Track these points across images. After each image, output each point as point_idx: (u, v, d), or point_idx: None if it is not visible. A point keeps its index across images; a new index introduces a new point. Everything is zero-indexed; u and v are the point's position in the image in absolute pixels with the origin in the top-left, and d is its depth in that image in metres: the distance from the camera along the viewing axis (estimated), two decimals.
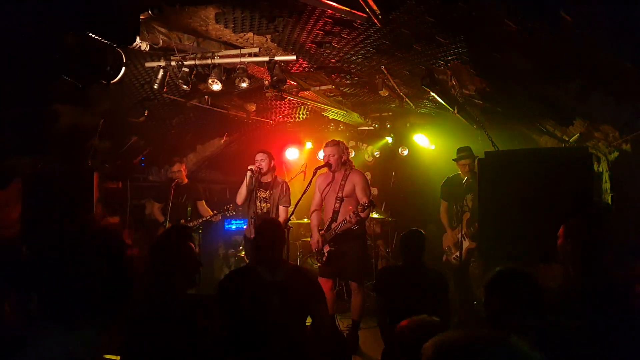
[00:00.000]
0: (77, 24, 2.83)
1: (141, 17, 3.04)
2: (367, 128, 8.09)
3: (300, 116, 7.57)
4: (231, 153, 8.15)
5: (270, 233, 3.14)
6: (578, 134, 4.05)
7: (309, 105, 6.61)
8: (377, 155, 8.29)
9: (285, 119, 7.65)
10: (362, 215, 4.77)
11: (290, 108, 7.08)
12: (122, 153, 6.37)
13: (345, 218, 4.83)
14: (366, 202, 4.64)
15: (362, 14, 3.06)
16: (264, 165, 5.62)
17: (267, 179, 5.73)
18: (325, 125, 8.06)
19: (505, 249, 4.30)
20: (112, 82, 3.27)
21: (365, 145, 8.45)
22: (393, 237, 7.77)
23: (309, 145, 8.43)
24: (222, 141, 7.77)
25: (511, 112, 5.01)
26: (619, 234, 3.78)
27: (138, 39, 3.31)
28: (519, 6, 2.28)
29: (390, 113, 7.42)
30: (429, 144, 7.91)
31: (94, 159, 5.78)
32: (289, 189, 5.75)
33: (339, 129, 8.16)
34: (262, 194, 5.71)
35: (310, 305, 3.16)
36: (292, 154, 8.32)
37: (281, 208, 5.68)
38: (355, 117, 7.30)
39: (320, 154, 8.18)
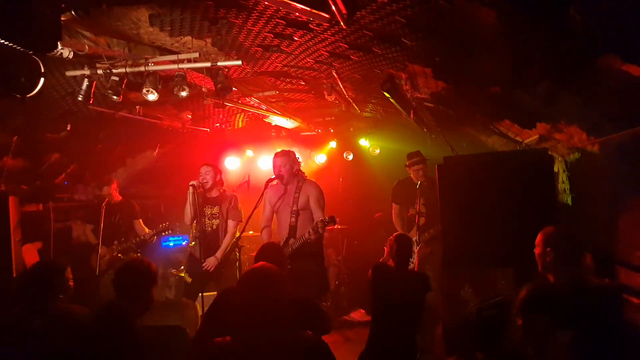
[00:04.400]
0: None
1: (62, 18, 2.53)
2: (310, 133, 7.81)
3: (239, 123, 7.15)
4: (165, 165, 7.56)
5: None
6: (537, 136, 3.97)
7: (249, 111, 6.21)
8: (323, 161, 8.01)
9: (223, 127, 7.19)
10: (322, 232, 4.43)
11: (229, 115, 6.64)
12: (41, 172, 5.67)
13: (304, 235, 4.47)
14: (325, 218, 4.33)
15: (326, 15, 2.75)
16: (209, 179, 5.16)
17: (214, 193, 5.28)
18: (266, 131, 7.67)
19: (467, 254, 4.23)
20: (28, 95, 2.74)
21: (309, 150, 8.15)
22: (343, 244, 7.53)
23: (249, 153, 7.98)
24: (155, 153, 7.19)
25: (463, 114, 4.90)
26: (584, 235, 3.73)
27: (60, 45, 2.79)
28: (513, 3, 2.04)
29: (333, 118, 7.19)
30: (373, 148, 7.81)
31: (7, 180, 5.09)
32: (238, 202, 5.35)
33: (281, 135, 7.81)
34: (210, 209, 5.26)
35: None
36: (232, 163, 7.82)
37: (230, 222, 5.27)
38: (297, 123, 6.98)
39: (260, 162, 7.83)
